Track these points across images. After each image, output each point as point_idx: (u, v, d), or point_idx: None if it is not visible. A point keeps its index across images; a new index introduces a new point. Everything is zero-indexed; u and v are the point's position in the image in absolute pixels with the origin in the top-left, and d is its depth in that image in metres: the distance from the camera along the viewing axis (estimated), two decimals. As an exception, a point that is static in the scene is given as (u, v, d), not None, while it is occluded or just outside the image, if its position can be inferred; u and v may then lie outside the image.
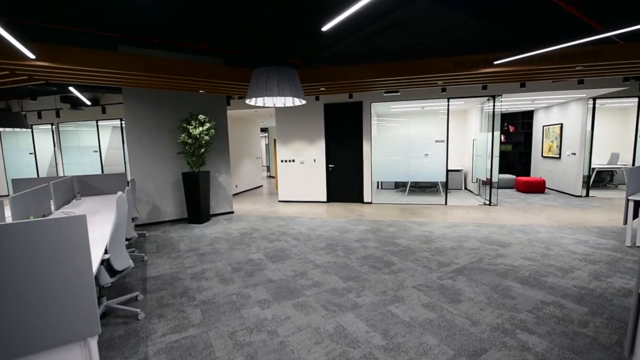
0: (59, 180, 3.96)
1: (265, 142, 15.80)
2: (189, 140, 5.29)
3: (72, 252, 1.76)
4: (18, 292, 1.66)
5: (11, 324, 1.66)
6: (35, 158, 9.98)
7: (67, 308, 1.77)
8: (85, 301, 1.82)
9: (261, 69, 3.89)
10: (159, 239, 4.72)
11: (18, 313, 1.67)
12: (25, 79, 4.28)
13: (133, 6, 3.40)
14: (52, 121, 9.30)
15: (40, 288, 1.71)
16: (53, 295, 1.74)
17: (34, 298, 1.70)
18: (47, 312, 1.73)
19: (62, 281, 1.75)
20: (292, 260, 3.69)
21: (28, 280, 1.68)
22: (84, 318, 1.82)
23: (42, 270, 1.70)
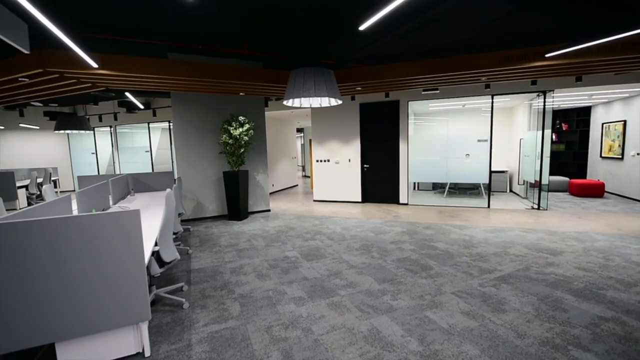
0: (116, 178, 4.35)
1: (300, 142, 16.05)
2: (230, 141, 5.53)
3: (128, 243, 1.93)
4: (84, 278, 1.86)
5: (79, 306, 1.87)
6: (97, 157, 11.07)
7: (123, 294, 1.95)
8: (138, 289, 1.99)
9: (298, 71, 3.97)
10: (201, 234, 5.00)
11: (84, 297, 1.87)
12: (89, 86, 4.77)
13: (181, 16, 3.64)
14: (111, 124, 10.25)
15: (102, 275, 1.90)
16: (112, 282, 1.92)
17: (97, 284, 1.89)
18: (107, 297, 1.92)
19: (119, 269, 1.93)
20: (326, 259, 3.72)
21: (93, 267, 1.87)
22: (137, 304, 1.99)
23: (103, 259, 1.89)
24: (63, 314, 1.82)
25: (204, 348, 2.12)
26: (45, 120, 10.27)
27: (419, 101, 6.78)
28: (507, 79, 5.31)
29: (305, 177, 13.79)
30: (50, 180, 9.10)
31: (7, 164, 10.44)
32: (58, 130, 7.91)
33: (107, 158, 11.10)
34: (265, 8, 3.51)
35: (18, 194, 7.46)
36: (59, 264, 1.79)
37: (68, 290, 1.82)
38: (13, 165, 10.36)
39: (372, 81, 5.25)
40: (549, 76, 5.12)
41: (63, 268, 1.80)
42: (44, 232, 1.74)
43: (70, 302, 1.83)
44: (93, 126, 10.06)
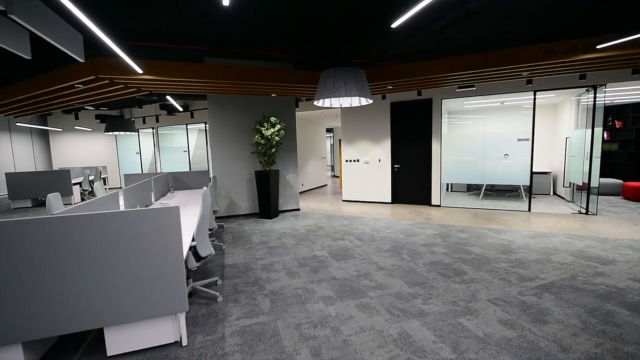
0: (157, 176, 4.64)
1: (330, 142, 16.09)
2: (262, 141, 5.68)
3: (168, 237, 2.06)
4: (130, 268, 2.01)
5: (125, 295, 2.02)
6: (140, 157, 11.87)
7: (164, 285, 2.08)
8: (177, 281, 2.11)
9: (329, 71, 3.99)
10: (234, 231, 5.19)
11: (130, 286, 2.02)
12: (135, 91, 5.13)
13: (217, 22, 3.80)
14: (153, 125, 10.93)
15: (145, 266, 2.04)
16: (154, 273, 2.06)
17: (141, 274, 2.04)
18: (149, 287, 2.06)
19: (160, 262, 2.06)
20: (355, 260, 3.71)
21: (137, 259, 2.02)
22: (176, 295, 2.11)
23: (146, 252, 2.03)
24: (111, 301, 1.98)
25: (236, 341, 2.20)
26: (96, 123, 11.20)
27: (453, 99, 6.53)
28: (551, 74, 4.96)
29: (334, 177, 13.80)
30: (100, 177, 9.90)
31: (64, 163, 11.50)
32: (107, 132, 8.58)
33: (149, 157, 11.86)
34: (297, 10, 3.57)
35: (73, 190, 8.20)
36: (108, 255, 1.94)
37: (116, 279, 1.98)
38: (69, 164, 11.40)
39: (404, 79, 5.14)
40: (601, 69, 4.71)
41: (111, 259, 1.95)
42: (96, 225, 1.90)
43: (117, 290, 1.99)
44: (137, 128, 10.79)
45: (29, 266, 1.82)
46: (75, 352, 2.13)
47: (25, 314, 1.84)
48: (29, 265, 1.82)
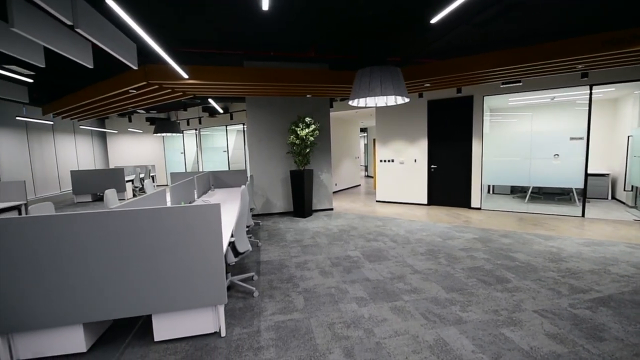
0: (200, 175, 4.91)
1: (364, 142, 15.93)
2: (297, 141, 5.79)
3: (210, 232, 2.17)
4: (174, 261, 2.15)
5: (170, 285, 2.17)
6: (184, 156, 12.65)
7: (205, 278, 2.21)
8: (217, 274, 2.22)
9: (364, 70, 3.96)
10: (270, 229, 5.34)
11: (174, 277, 2.17)
12: (180, 95, 5.47)
13: (255, 27, 3.93)
14: (196, 127, 11.59)
15: (189, 259, 2.17)
16: (197, 266, 2.19)
17: (185, 267, 2.17)
18: (192, 279, 2.19)
19: (202, 255, 2.18)
20: (389, 262, 3.65)
21: (182, 252, 2.16)
22: (216, 288, 2.23)
23: (190, 245, 2.16)
24: (159, 290, 2.14)
25: (271, 335, 2.27)
26: (147, 125, 12.11)
27: (496, 95, 6.17)
28: (611, 66, 4.50)
29: (368, 177, 13.65)
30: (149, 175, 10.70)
31: (118, 162, 12.58)
32: (156, 133, 9.23)
33: (192, 157, 12.60)
34: (334, 11, 3.59)
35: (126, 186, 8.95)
36: (156, 247, 2.10)
37: (163, 270, 2.13)
38: (122, 163, 12.45)
39: (443, 76, 4.95)
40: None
41: (159, 251, 2.11)
42: (146, 220, 2.07)
43: (164, 280, 2.14)
44: (182, 129, 11.50)
45: (89, 255, 2.02)
46: (127, 336, 2.33)
47: (85, 298, 2.05)
48: (89, 254, 2.02)
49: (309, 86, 5.24)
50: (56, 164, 9.78)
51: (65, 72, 5.32)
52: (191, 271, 2.17)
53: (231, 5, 3.40)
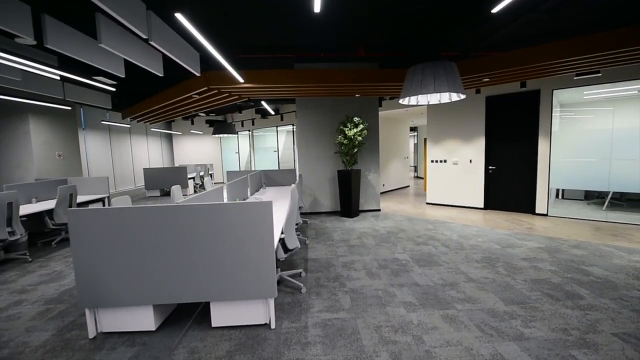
0: (253, 173, 5.18)
1: (413, 142, 15.37)
2: (345, 141, 5.80)
3: (262, 228, 2.28)
4: (230, 253, 2.30)
5: (226, 276, 2.32)
6: (239, 156, 13.45)
7: (257, 271, 2.32)
8: (268, 268, 2.33)
9: (416, 67, 3.82)
10: (317, 227, 5.43)
11: (230, 269, 2.32)
12: (236, 98, 5.83)
13: (305, 29, 4.02)
14: (249, 128, 12.23)
15: (242, 253, 2.31)
16: (250, 260, 2.31)
17: (239, 260, 2.31)
18: (246, 272, 2.32)
19: (255, 250, 2.30)
20: (440, 267, 3.48)
21: (236, 245, 2.30)
22: (267, 282, 2.33)
23: (244, 240, 2.29)
24: (216, 280, 2.31)
25: (318, 332, 2.32)
26: (206, 127, 13.10)
27: (569, 89, 5.51)
28: None
29: (418, 178, 13.13)
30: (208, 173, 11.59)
31: (182, 160, 13.81)
32: (214, 134, 9.94)
33: (245, 157, 13.34)
34: (385, 8, 3.53)
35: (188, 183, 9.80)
36: (214, 240, 2.27)
37: (220, 261, 2.30)
38: (185, 162, 13.65)
39: (505, 70, 4.56)
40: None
41: (217, 243, 2.28)
42: (206, 214, 2.24)
43: (221, 271, 2.31)
44: (237, 130, 12.22)
45: (158, 244, 2.26)
46: (188, 319, 2.56)
47: (155, 282, 2.29)
48: (158, 243, 2.26)
49: (357, 86, 5.21)
50: (132, 162, 11.07)
51: (140, 80, 5.99)
52: (245, 264, 2.31)
53: (283, 10, 3.52)
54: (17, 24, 2.72)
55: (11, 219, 3.88)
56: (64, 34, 3.22)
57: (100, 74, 5.38)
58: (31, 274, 3.68)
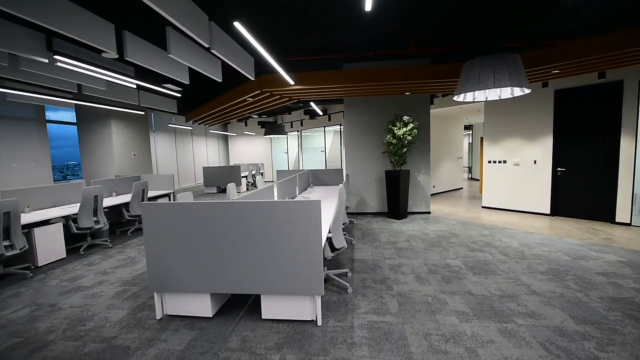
0: (301, 173, 5.32)
1: (468, 141, 14.40)
2: (393, 141, 5.66)
3: (311, 226, 2.33)
4: (280, 250, 2.40)
5: (276, 271, 2.42)
6: (287, 156, 13.89)
7: (305, 269, 2.38)
8: (316, 266, 2.37)
9: (473, 61, 3.59)
10: (363, 228, 5.39)
11: (279, 265, 2.41)
12: (287, 100, 6.03)
13: (354, 29, 4.01)
14: (298, 129, 12.55)
15: (292, 249, 2.39)
16: (298, 257, 2.38)
17: (289, 256, 2.39)
18: (294, 268, 2.40)
19: (303, 247, 2.37)
20: (498, 276, 3.22)
21: (286, 242, 2.38)
22: (314, 279, 2.38)
23: (293, 237, 2.37)
24: (267, 274, 2.42)
25: (364, 334, 2.30)
26: (258, 128, 13.76)
27: (664, 79, 4.70)
28: None
29: (472, 179, 12.29)
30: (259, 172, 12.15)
31: (236, 160, 14.69)
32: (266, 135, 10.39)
33: (294, 156, 13.73)
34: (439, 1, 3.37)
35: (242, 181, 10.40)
36: (265, 236, 2.38)
37: (270, 257, 2.40)
38: (239, 161, 14.49)
39: (579, 60, 4.06)
40: None
41: (268, 239, 2.39)
42: (259, 211, 2.36)
43: (271, 266, 2.42)
44: (286, 131, 12.63)
45: (216, 237, 2.44)
46: (240, 310, 2.72)
47: (212, 272, 2.48)
48: (216, 236, 2.44)
49: (408, 83, 5.05)
50: (193, 161, 12.07)
51: (201, 86, 6.51)
52: (294, 260, 2.39)
53: (333, 12, 3.56)
54: (103, 40, 3.14)
55: (97, 209, 4.49)
56: (140, 47, 3.63)
57: (168, 81, 5.96)
58: (111, 258, 4.22)
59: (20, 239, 3.48)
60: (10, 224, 3.37)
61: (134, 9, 3.18)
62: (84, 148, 7.94)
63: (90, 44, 3.02)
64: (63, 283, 3.41)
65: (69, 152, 9.85)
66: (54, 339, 2.36)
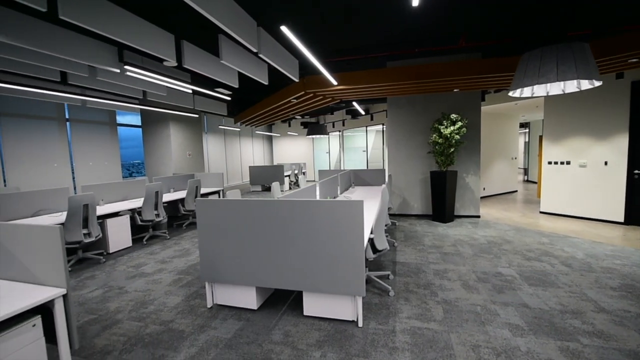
0: (342, 173, 5.33)
1: (524, 140, 13.24)
2: (440, 140, 5.42)
3: (353, 227, 2.33)
4: (322, 248, 2.43)
5: (318, 270, 2.46)
6: (329, 156, 13.99)
7: (347, 269, 2.39)
8: (357, 267, 2.37)
9: (532, 53, 3.30)
10: (406, 230, 5.24)
11: (321, 263, 2.45)
12: (329, 100, 6.08)
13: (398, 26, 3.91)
14: (339, 129, 12.58)
15: (333, 249, 2.41)
16: (340, 256, 2.40)
17: (330, 255, 2.42)
18: (336, 267, 2.42)
19: (345, 247, 2.38)
20: (558, 290, 2.93)
21: (327, 241, 2.41)
22: (356, 280, 2.38)
23: (335, 237, 2.39)
24: (308, 272, 2.47)
25: (406, 339, 2.25)
26: (301, 129, 14.05)
27: None
28: None
29: (529, 182, 11.28)
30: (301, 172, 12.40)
31: (279, 159, 15.15)
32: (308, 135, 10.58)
33: (335, 156, 13.79)
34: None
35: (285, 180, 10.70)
36: (308, 234, 2.43)
37: (313, 255, 2.45)
38: (282, 161, 14.92)
39: (667, 47, 3.52)
40: None
41: (310, 237, 2.44)
42: (302, 209, 2.42)
43: (313, 264, 2.46)
44: (328, 131, 12.73)
45: (262, 233, 2.55)
46: (283, 305, 2.81)
47: (258, 267, 2.60)
48: (262, 233, 2.55)
49: (457, 80, 4.79)
50: (240, 161, 12.71)
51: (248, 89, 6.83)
52: (335, 260, 2.41)
53: (379, 10, 3.51)
54: (165, 50, 3.45)
55: (157, 204, 4.94)
56: (195, 55, 3.92)
57: (219, 86, 6.35)
58: (169, 248, 4.62)
59: (96, 228, 3.96)
60: (89, 214, 3.85)
61: (190, 19, 3.44)
62: (147, 148, 8.78)
63: (154, 54, 3.33)
64: (129, 269, 3.82)
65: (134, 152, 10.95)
66: (121, 319, 2.65)
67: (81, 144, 7.13)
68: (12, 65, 3.92)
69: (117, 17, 2.91)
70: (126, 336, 2.39)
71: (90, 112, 7.32)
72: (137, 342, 2.32)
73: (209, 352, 2.17)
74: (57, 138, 6.57)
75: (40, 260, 1.79)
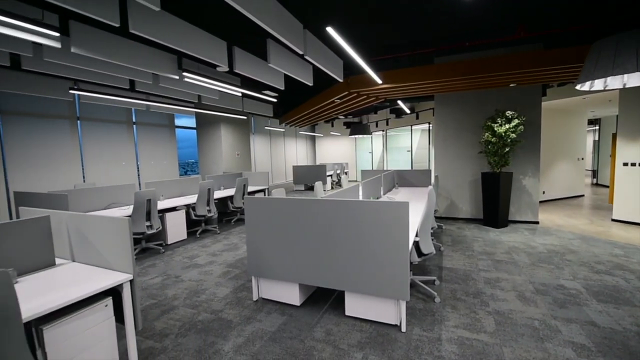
0: (386, 173, 5.23)
1: (593, 138, 11.80)
2: (493, 139, 5.06)
3: (398, 228, 2.28)
4: (365, 249, 2.40)
5: (360, 270, 2.44)
6: (372, 155, 13.81)
7: (390, 271, 2.35)
8: (401, 270, 2.31)
9: (605, 41, 2.94)
10: (453, 234, 4.98)
11: (364, 264, 2.43)
12: (373, 100, 6.00)
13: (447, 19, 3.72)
14: (383, 128, 12.35)
15: (377, 250, 2.37)
16: (383, 258, 2.36)
17: (374, 257, 2.39)
18: (379, 269, 2.38)
19: (389, 249, 2.33)
20: (634, 308, 2.58)
21: (371, 243, 2.38)
22: (399, 283, 2.32)
23: (378, 238, 2.36)
24: (351, 272, 2.47)
25: (453, 349, 2.14)
26: (343, 129, 14.05)
27: None
28: None
29: (599, 185, 10.04)
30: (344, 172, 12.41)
31: (322, 159, 15.31)
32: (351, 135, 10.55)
33: (378, 156, 13.57)
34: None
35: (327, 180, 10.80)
36: (351, 234, 2.43)
37: (356, 255, 2.44)
38: (325, 160, 15.06)
39: None
40: None
41: (352, 238, 2.43)
42: (345, 209, 2.43)
43: (355, 265, 2.46)
44: (371, 131, 12.57)
45: (305, 231, 2.60)
46: (325, 303, 2.84)
47: (301, 264, 2.66)
48: (305, 231, 2.60)
49: (513, 73, 4.42)
50: (284, 160, 13.10)
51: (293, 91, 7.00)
52: (379, 261, 2.37)
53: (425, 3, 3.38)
54: (218, 57, 3.68)
55: (209, 200, 5.29)
56: (245, 60, 4.13)
57: (266, 88, 6.60)
58: (219, 242, 4.92)
59: (156, 221, 4.36)
60: (151, 209, 4.25)
61: (240, 25, 3.63)
62: (200, 148, 9.44)
63: (209, 60, 3.57)
64: (184, 260, 4.15)
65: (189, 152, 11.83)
66: (177, 305, 2.89)
67: (145, 144, 7.89)
68: (89, 75, 4.47)
69: (177, 27, 3.18)
70: (181, 321, 2.60)
71: (152, 115, 8.07)
72: (190, 327, 2.51)
73: (254, 343, 2.27)
74: (126, 139, 7.35)
75: (112, 248, 2.02)
